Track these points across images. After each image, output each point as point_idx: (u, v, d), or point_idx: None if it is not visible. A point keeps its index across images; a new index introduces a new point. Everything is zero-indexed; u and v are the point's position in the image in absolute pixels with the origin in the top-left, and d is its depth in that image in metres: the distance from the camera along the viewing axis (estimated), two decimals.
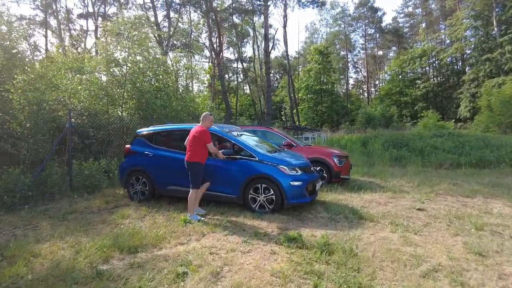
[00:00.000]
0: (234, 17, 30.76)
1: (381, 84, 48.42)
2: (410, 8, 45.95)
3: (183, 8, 26.84)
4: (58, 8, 26.92)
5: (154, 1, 23.16)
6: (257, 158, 5.06)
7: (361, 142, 13.86)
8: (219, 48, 26.38)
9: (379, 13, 44.99)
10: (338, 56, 45.98)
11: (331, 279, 2.88)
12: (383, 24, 45.75)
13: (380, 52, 50.33)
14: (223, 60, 32.22)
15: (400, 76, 37.35)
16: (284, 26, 30.01)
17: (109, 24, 12.35)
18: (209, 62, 35.71)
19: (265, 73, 27.56)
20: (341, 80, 44.66)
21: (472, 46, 30.04)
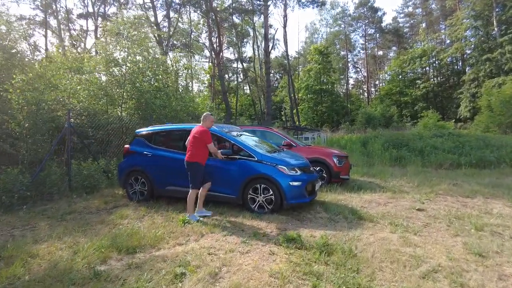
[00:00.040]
0: (234, 17, 30.77)
1: (381, 84, 48.44)
2: (410, 8, 45.99)
3: (183, 8, 26.84)
4: (58, 8, 26.96)
5: (154, 1, 23.16)
6: (256, 158, 5.04)
7: (361, 142, 13.83)
8: (219, 48, 26.38)
9: (379, 13, 45.07)
10: (338, 56, 45.97)
11: (330, 280, 2.86)
12: (383, 24, 45.82)
13: (380, 52, 50.33)
14: (223, 60, 32.23)
15: (400, 76, 37.37)
16: (284, 26, 30.03)
17: (109, 24, 12.33)
18: (209, 62, 35.73)
19: (265, 73, 27.55)
20: (341, 80, 44.64)
21: (472, 46, 30.03)
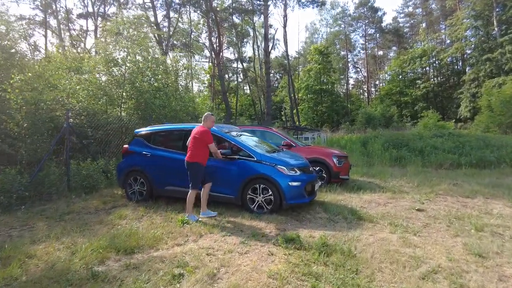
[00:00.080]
0: (234, 17, 30.76)
1: (381, 84, 48.39)
2: (410, 8, 45.94)
3: (183, 8, 26.84)
4: (58, 8, 26.95)
5: (153, 1, 23.14)
6: (255, 158, 5.02)
7: (361, 142, 13.80)
8: (219, 48, 26.38)
9: (379, 13, 45.03)
10: (338, 56, 45.94)
11: (329, 280, 2.85)
12: (383, 24, 45.77)
13: (380, 52, 50.29)
14: (223, 60, 32.22)
15: (400, 76, 37.34)
16: (284, 26, 30.01)
17: (109, 24, 12.31)
18: (209, 62, 35.74)
19: (265, 73, 27.54)
20: (341, 80, 44.63)
21: (472, 46, 29.99)
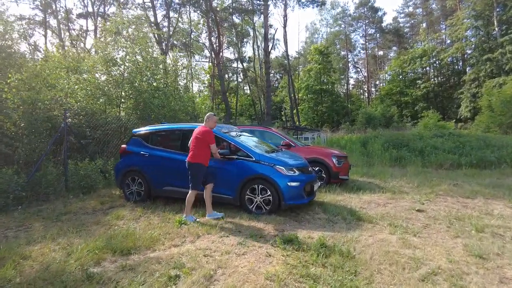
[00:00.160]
0: (234, 17, 30.74)
1: (381, 84, 48.32)
2: (411, 8, 45.88)
3: (183, 8, 26.80)
4: (58, 8, 26.95)
5: (153, 1, 23.11)
6: (254, 158, 4.98)
7: (361, 142, 13.75)
8: (218, 48, 26.35)
9: (380, 13, 44.96)
10: (339, 56, 45.88)
11: (327, 282, 2.80)
12: (384, 24, 45.70)
13: (381, 52, 50.21)
14: (223, 60, 32.20)
15: (400, 76, 37.26)
16: (284, 26, 30.00)
17: (108, 24, 12.28)
18: (209, 62, 35.72)
19: (265, 73, 27.50)
20: (341, 80, 44.57)
21: (472, 46, 29.92)
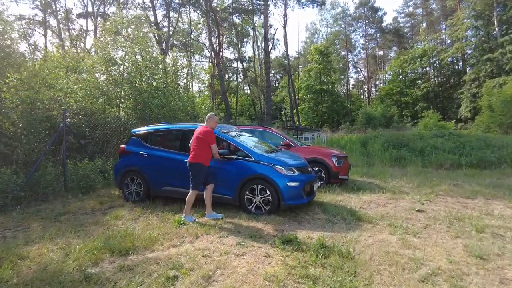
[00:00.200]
0: (234, 17, 30.72)
1: (381, 84, 48.29)
2: (411, 8, 45.83)
3: (183, 8, 26.79)
4: (58, 7, 26.94)
5: (153, 1, 23.10)
6: (253, 158, 4.96)
7: (361, 142, 13.73)
8: (218, 48, 26.34)
9: (380, 13, 44.92)
10: (339, 56, 45.86)
11: (327, 283, 2.78)
12: (384, 24, 45.66)
13: (381, 52, 50.18)
14: (223, 60, 32.18)
15: (400, 76, 37.24)
16: (284, 26, 29.98)
17: (108, 23, 12.26)
18: (209, 62, 35.70)
19: (265, 73, 27.49)
20: (341, 80, 44.54)
21: (473, 46, 29.89)
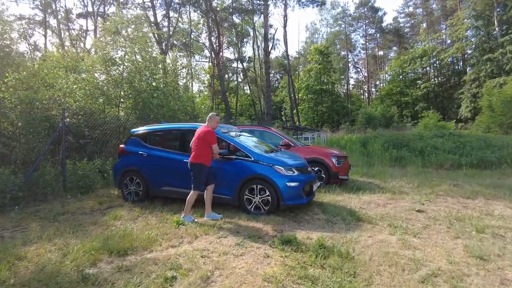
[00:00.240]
0: (234, 17, 30.69)
1: (381, 84, 48.26)
2: (411, 8, 45.78)
3: (183, 8, 26.77)
4: (58, 7, 26.93)
5: (153, 1, 23.08)
6: (252, 158, 4.94)
7: (361, 143, 13.70)
8: (218, 48, 26.32)
9: (380, 13, 44.88)
10: (339, 56, 45.83)
11: (326, 284, 2.77)
12: (384, 24, 45.61)
13: (381, 52, 50.14)
14: (223, 60, 32.17)
15: (400, 76, 37.21)
16: (284, 26, 29.95)
17: (108, 23, 12.24)
18: (209, 62, 35.67)
19: (265, 73, 27.46)
20: (341, 80, 44.51)
21: (473, 46, 29.87)
